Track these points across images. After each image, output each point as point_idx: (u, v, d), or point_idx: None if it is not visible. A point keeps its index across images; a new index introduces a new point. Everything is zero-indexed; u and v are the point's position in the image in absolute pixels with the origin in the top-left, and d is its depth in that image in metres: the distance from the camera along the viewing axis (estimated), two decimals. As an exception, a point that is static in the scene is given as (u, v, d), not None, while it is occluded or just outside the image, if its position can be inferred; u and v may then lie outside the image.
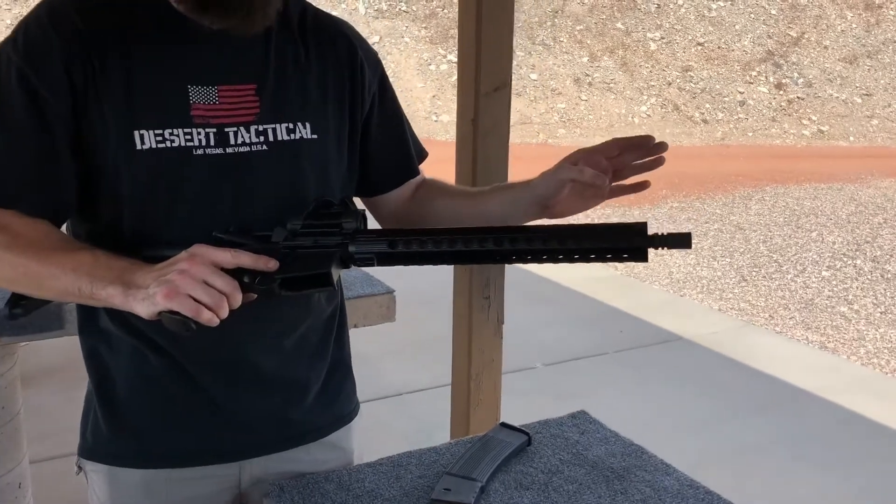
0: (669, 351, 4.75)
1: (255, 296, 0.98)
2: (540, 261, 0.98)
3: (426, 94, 15.38)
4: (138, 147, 1.01)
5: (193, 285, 0.90)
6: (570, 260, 0.96)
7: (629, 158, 1.11)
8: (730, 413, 3.92)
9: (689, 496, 1.19)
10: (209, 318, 0.90)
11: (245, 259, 0.95)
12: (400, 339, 4.30)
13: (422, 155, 1.33)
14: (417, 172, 1.31)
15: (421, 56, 16.34)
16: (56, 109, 1.00)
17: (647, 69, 17.32)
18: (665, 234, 0.94)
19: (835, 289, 6.64)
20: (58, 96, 1.00)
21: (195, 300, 0.90)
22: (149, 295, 0.91)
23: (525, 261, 0.99)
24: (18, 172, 1.02)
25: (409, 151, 1.29)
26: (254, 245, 0.99)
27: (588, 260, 0.96)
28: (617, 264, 7.05)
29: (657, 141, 1.09)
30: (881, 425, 3.81)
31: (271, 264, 0.97)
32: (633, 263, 1.09)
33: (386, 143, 1.25)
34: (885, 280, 6.88)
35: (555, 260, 0.97)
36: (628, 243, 0.95)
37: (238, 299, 0.93)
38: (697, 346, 4.83)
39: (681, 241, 0.93)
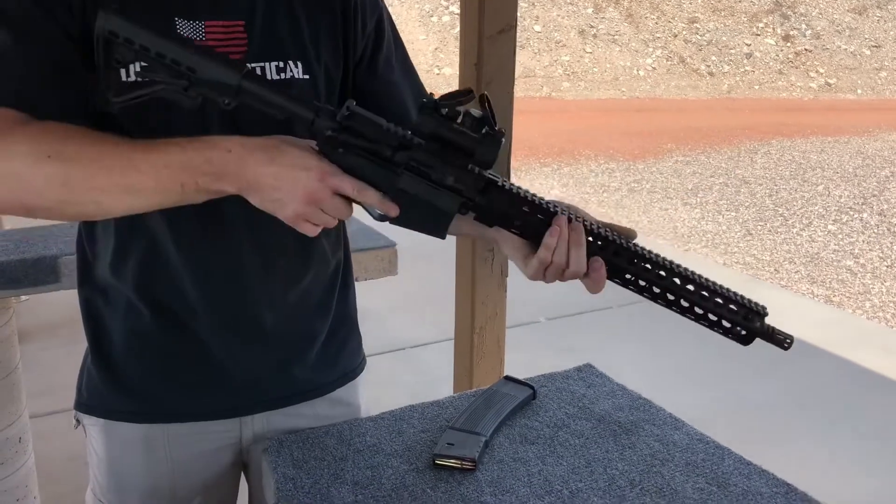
0: (674, 305, 4.72)
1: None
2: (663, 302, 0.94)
3: (428, 47, 15.17)
4: (123, 79, 0.95)
5: (317, 214, 0.90)
6: (682, 312, 0.94)
7: None
8: (734, 367, 3.90)
9: (699, 450, 1.17)
10: (312, 230, 0.92)
11: (371, 198, 0.90)
12: (402, 292, 4.28)
13: None
14: None
15: (423, 7, 16.07)
16: (67, 19, 0.93)
17: (653, 20, 17.05)
18: (776, 329, 0.94)
19: (841, 242, 6.60)
20: (67, 9, 0.93)
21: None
22: (274, 203, 0.90)
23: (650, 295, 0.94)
24: (38, 77, 0.92)
25: (402, 107, 1.18)
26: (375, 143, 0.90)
27: (695, 319, 0.94)
28: (622, 220, 7.00)
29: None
30: (886, 378, 3.80)
31: (393, 212, 0.91)
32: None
33: (376, 94, 1.15)
34: (892, 234, 6.83)
35: (673, 306, 0.94)
36: (744, 323, 0.93)
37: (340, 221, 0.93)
38: (702, 300, 4.80)
39: (781, 341, 0.94)
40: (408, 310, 4.40)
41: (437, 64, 14.88)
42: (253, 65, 1.02)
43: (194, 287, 1.06)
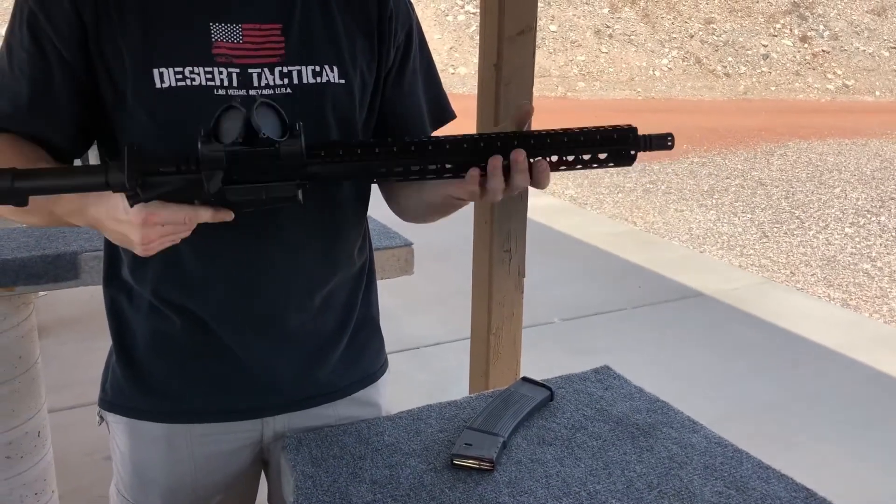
0: (689, 307, 4.71)
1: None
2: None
3: (443, 46, 15.17)
4: (157, 86, 0.97)
5: (161, 242, 0.91)
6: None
7: None
8: (750, 370, 3.89)
9: (717, 454, 1.16)
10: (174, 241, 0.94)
11: (204, 217, 0.90)
12: (419, 292, 4.29)
13: (444, 119, 1.23)
14: None
15: (438, 6, 16.08)
16: (61, 52, 0.97)
17: (669, 21, 16.97)
18: (653, 136, 0.92)
19: (858, 246, 6.54)
20: (65, 38, 0.97)
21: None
22: (122, 244, 0.94)
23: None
24: (15, 104, 0.99)
25: (419, 120, 1.19)
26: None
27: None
28: (637, 221, 6.98)
29: None
30: (904, 383, 3.77)
31: (228, 217, 0.92)
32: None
33: (396, 104, 1.16)
34: (910, 237, 6.77)
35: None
36: (623, 149, 0.92)
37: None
38: (717, 302, 4.79)
39: (664, 143, 0.92)
40: (423, 309, 4.41)
41: (452, 63, 14.88)
42: (289, 68, 1.03)
43: (217, 291, 1.07)
